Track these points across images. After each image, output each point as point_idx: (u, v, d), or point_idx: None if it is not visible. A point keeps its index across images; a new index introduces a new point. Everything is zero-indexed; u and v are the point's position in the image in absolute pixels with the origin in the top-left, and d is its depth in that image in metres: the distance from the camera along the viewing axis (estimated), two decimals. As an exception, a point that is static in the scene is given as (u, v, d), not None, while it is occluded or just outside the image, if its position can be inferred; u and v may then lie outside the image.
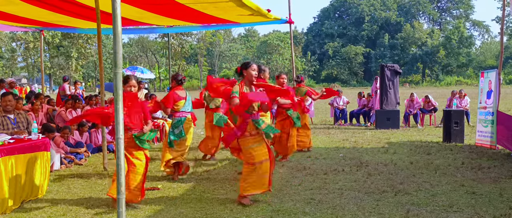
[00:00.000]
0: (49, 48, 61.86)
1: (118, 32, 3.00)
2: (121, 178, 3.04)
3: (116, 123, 2.99)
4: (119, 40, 3.00)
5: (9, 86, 12.07)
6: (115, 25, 3.02)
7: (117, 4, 2.99)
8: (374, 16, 73.86)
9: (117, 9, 3.00)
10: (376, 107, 13.92)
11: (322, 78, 71.77)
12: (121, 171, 3.06)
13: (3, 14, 8.47)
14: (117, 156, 3.09)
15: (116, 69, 2.98)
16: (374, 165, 7.57)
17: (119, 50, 2.99)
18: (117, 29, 3.01)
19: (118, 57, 3.00)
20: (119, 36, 3.00)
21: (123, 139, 3.06)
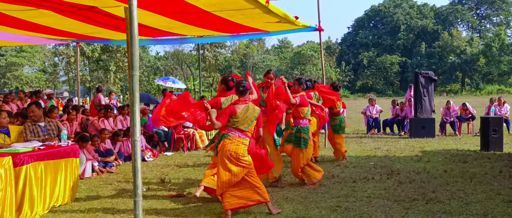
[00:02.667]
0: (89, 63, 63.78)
1: (135, 34, 3.03)
2: (137, 180, 3.05)
3: (132, 124, 3.00)
4: (135, 43, 3.02)
5: (47, 97, 12.46)
6: (132, 28, 3.05)
7: (133, 7, 3.02)
8: (410, 25, 72.43)
9: (134, 12, 3.03)
10: (410, 115, 13.56)
11: (357, 88, 70.79)
12: (138, 173, 3.07)
13: (39, 26, 8.79)
14: (133, 159, 3.10)
15: (133, 71, 3.00)
16: (406, 173, 7.34)
17: (136, 53, 3.02)
18: (134, 32, 3.03)
19: (135, 60, 3.03)
20: (135, 38, 3.02)
21: (140, 140, 3.08)
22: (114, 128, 9.88)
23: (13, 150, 4.95)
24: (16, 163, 4.82)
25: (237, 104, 5.15)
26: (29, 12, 7.66)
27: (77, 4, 7.01)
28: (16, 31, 9.37)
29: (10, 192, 4.70)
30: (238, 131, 5.08)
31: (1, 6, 7.03)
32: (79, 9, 7.43)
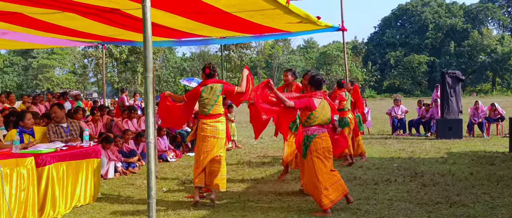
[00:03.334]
0: (117, 64, 65.01)
1: (148, 35, 3.04)
2: (151, 182, 3.06)
3: (147, 126, 3.02)
4: (149, 45, 3.04)
5: (74, 99, 12.71)
6: (145, 29, 3.06)
7: (147, 8, 3.04)
8: (438, 24, 71.03)
9: (147, 13, 3.05)
10: (437, 116, 13.28)
11: (384, 88, 69.84)
12: (152, 174, 3.08)
13: (64, 29, 8.96)
14: (148, 160, 3.12)
15: (147, 73, 3.02)
16: (430, 176, 7.18)
17: (149, 55, 3.03)
18: (147, 33, 3.05)
19: (149, 61, 3.04)
20: (149, 40, 3.04)
21: (154, 142, 3.09)
22: (138, 128, 10.00)
23: (36, 150, 5.06)
24: (39, 163, 4.92)
25: (314, 98, 5.33)
26: (54, 15, 7.81)
27: (100, 7, 7.13)
28: (42, 34, 9.57)
29: (33, 192, 4.81)
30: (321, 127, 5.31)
31: (27, 9, 7.22)
32: (101, 12, 7.55)
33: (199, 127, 5.72)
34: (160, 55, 66.91)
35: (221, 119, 5.76)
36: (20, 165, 4.67)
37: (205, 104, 5.70)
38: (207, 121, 5.69)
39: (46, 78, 70.21)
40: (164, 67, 71.52)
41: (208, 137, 5.66)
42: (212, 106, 5.68)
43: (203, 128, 5.69)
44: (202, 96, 5.72)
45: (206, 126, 5.68)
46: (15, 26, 8.55)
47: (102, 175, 7.52)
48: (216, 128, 5.68)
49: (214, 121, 5.70)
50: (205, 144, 5.67)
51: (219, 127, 5.71)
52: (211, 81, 5.81)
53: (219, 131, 5.70)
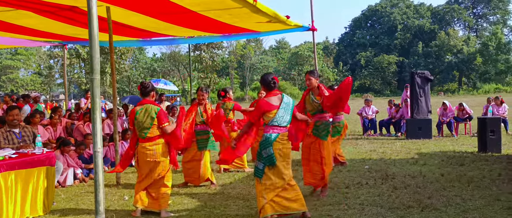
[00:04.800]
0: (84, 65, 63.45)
1: (95, 34, 2.74)
2: (99, 195, 2.74)
3: (94, 134, 2.71)
4: (96, 44, 2.73)
5: (34, 101, 12.14)
6: (91, 28, 2.75)
7: (92, 3, 2.73)
8: (407, 25, 72.24)
9: (93, 8, 2.74)
10: (407, 116, 13.29)
11: (354, 88, 70.52)
12: (100, 187, 2.77)
13: (21, 28, 8.48)
14: (95, 171, 2.81)
15: (93, 75, 2.71)
16: (401, 178, 7.05)
17: (96, 55, 2.73)
18: (94, 31, 2.74)
19: (95, 62, 2.74)
20: (95, 39, 2.73)
21: (102, 152, 2.78)
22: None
23: (-20, 159, 4.65)
24: (-17, 173, 4.52)
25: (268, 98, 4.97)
26: (7, 13, 7.37)
27: (57, 4, 6.72)
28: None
29: (-23, 204, 4.40)
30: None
31: (-22, 7, 6.76)
32: (59, 10, 7.14)
33: (139, 150, 5.34)
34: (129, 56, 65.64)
35: (160, 140, 5.30)
36: (-39, 176, 4.26)
37: (141, 129, 5.26)
38: (145, 145, 5.27)
39: (10, 79, 67.90)
40: (134, 68, 70.25)
41: (147, 161, 5.28)
42: (149, 130, 5.23)
43: (141, 152, 5.30)
44: (136, 119, 5.27)
45: (143, 149, 5.28)
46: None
47: (60, 182, 7.10)
48: (154, 151, 5.27)
49: (153, 144, 5.27)
50: (144, 167, 5.33)
51: (158, 150, 5.28)
52: (147, 102, 5.34)
53: (158, 154, 5.28)
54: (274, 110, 4.83)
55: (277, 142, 4.79)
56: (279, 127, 4.82)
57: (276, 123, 4.81)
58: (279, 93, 4.96)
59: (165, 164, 5.36)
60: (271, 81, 4.98)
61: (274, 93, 4.94)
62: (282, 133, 4.83)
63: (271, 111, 4.84)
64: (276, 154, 4.77)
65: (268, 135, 4.82)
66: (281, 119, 4.83)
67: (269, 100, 4.88)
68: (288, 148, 4.88)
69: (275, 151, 4.77)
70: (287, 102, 4.90)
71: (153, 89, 5.50)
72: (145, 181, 5.35)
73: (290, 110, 4.92)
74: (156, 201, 5.37)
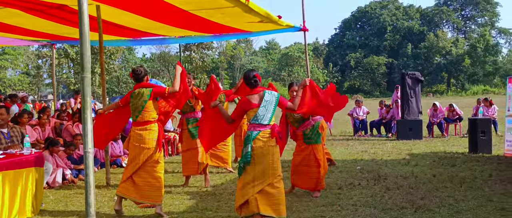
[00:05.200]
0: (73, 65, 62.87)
1: (85, 31, 2.66)
2: (90, 197, 2.67)
3: (84, 134, 2.63)
4: (86, 42, 2.65)
5: (21, 101, 11.96)
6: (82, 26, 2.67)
7: (83, 1, 2.65)
8: (396, 26, 72.69)
9: (84, 5, 2.66)
10: (397, 117, 13.32)
11: (344, 89, 70.80)
12: (90, 188, 2.69)
13: (8, 26, 8.34)
14: (86, 172, 2.73)
15: (84, 73, 2.63)
16: (393, 178, 7.04)
17: (87, 52, 2.65)
18: (84, 29, 2.66)
19: (86, 61, 2.66)
20: (86, 37, 2.66)
21: (92, 152, 2.70)
22: (90, 132, 9.44)
23: (-34, 160, 4.54)
24: (-31, 174, 4.40)
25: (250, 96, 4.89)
26: (-5, 11, 7.24)
27: (46, 3, 6.61)
28: (-16, 32, 8.90)
29: (-38, 206, 4.28)
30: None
31: (-36, 4, 6.62)
32: (48, 8, 7.03)
33: (130, 134, 5.39)
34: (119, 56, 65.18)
35: (150, 126, 5.31)
36: None
37: (133, 111, 5.35)
38: (134, 128, 5.33)
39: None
40: (123, 68, 69.77)
41: (134, 145, 5.29)
42: (140, 113, 5.28)
43: (131, 135, 5.36)
44: (131, 102, 5.37)
45: (133, 133, 5.34)
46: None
47: (49, 183, 6.98)
48: (141, 136, 5.27)
49: (141, 128, 5.29)
50: (131, 152, 5.34)
51: (146, 136, 5.27)
52: (141, 86, 5.40)
53: (145, 139, 5.26)
54: (254, 108, 4.76)
55: (258, 140, 4.70)
56: (260, 125, 4.73)
57: (257, 121, 4.74)
58: (261, 90, 4.86)
59: (152, 150, 5.28)
60: (252, 79, 4.90)
61: (256, 91, 4.86)
62: (263, 130, 4.73)
63: (251, 109, 4.78)
64: (258, 151, 4.69)
65: (248, 132, 4.79)
66: (262, 117, 4.73)
67: (249, 98, 4.83)
68: (271, 146, 4.74)
69: (257, 148, 4.69)
70: (268, 100, 4.77)
71: (146, 73, 5.54)
72: (131, 166, 5.30)
73: (273, 107, 4.79)
74: (140, 191, 5.26)
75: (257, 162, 4.69)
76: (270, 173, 4.70)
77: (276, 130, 4.75)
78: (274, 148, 4.76)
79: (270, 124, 4.77)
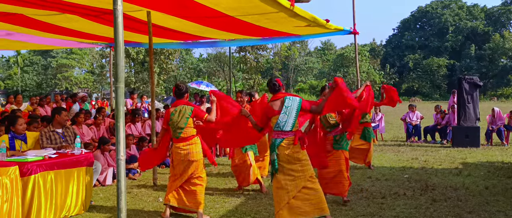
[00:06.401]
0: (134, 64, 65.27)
1: (120, 42, 2.77)
2: (121, 203, 2.78)
3: (117, 142, 2.75)
4: (121, 51, 2.76)
5: (81, 100, 12.58)
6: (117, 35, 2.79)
7: (118, 12, 2.77)
8: (459, 26, 69.69)
9: (119, 17, 2.78)
10: (453, 123, 12.79)
11: (402, 91, 68.78)
12: (122, 195, 2.80)
13: (68, 30, 8.81)
14: (117, 179, 2.84)
15: (117, 83, 2.75)
16: (442, 189, 6.77)
17: (121, 63, 2.76)
18: (119, 39, 2.78)
19: (120, 70, 2.77)
20: (121, 46, 2.77)
21: (124, 159, 2.82)
22: (142, 133, 9.79)
23: (21, 158, 4.85)
24: (24, 172, 4.71)
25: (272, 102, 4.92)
26: (55, 17, 7.67)
27: (100, 9, 6.93)
28: (46, 35, 9.45)
29: (17, 202, 4.59)
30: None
31: (27, 11, 7.07)
32: (102, 14, 7.36)
33: (173, 150, 5.50)
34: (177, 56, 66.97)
35: (195, 140, 5.46)
36: (3, 174, 4.46)
37: (175, 129, 5.43)
38: (179, 145, 5.41)
39: (65, 77, 70.93)
40: (180, 68, 71.60)
41: (181, 161, 5.41)
42: (183, 129, 5.38)
43: (175, 152, 5.46)
44: (171, 119, 5.44)
45: (177, 150, 5.42)
46: (18, 27, 8.44)
47: (100, 181, 7.31)
48: (189, 150, 5.39)
49: (186, 144, 5.41)
50: (178, 167, 5.46)
51: (193, 149, 5.41)
52: (182, 103, 5.49)
53: (193, 153, 5.40)
54: (276, 115, 4.77)
55: (282, 147, 4.70)
56: (282, 132, 4.72)
57: (279, 128, 4.73)
58: (282, 96, 4.84)
59: (199, 163, 5.42)
60: (272, 84, 4.95)
61: (278, 97, 4.87)
62: (286, 137, 4.71)
63: (274, 116, 4.79)
64: (284, 159, 4.69)
65: (272, 140, 4.80)
66: (284, 124, 4.72)
67: (272, 104, 4.85)
68: (296, 152, 4.71)
69: (282, 156, 4.69)
70: (289, 105, 4.75)
71: (187, 91, 5.64)
72: (178, 181, 5.45)
73: (295, 112, 4.75)
74: (189, 199, 5.43)
75: (285, 168, 4.70)
76: (300, 177, 4.69)
77: (299, 136, 4.72)
78: (299, 153, 4.73)
79: (292, 130, 4.74)
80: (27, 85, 71.87)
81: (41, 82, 73.65)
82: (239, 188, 7.02)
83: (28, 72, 73.37)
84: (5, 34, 9.37)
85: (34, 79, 73.54)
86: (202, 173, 5.50)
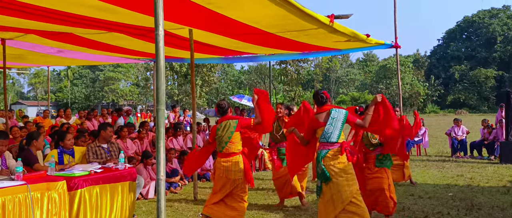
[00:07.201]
0: (177, 77, 66.72)
1: (161, 66, 2.88)
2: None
3: (157, 162, 2.84)
4: (162, 75, 2.87)
5: (126, 114, 12.97)
6: (158, 60, 2.90)
7: (159, 37, 2.89)
8: (507, 36, 67.13)
9: (160, 42, 2.89)
10: (501, 138, 12.30)
11: (448, 103, 66.83)
12: (162, 214, 2.88)
13: (115, 47, 9.18)
14: (157, 198, 2.93)
15: (159, 105, 2.85)
16: (488, 209, 6.53)
17: (162, 87, 2.87)
18: (160, 63, 2.89)
19: (161, 94, 2.87)
20: (162, 70, 2.88)
21: (164, 179, 2.91)
22: (183, 146, 9.98)
23: (68, 173, 5.06)
24: (71, 186, 4.91)
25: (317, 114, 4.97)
26: (103, 35, 8.02)
27: (144, 27, 7.19)
28: (94, 52, 9.88)
29: (64, 216, 4.79)
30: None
31: (79, 30, 7.44)
32: (147, 32, 7.63)
33: (216, 165, 5.66)
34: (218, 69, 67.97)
35: (236, 158, 5.50)
36: (52, 189, 4.67)
37: (219, 143, 5.57)
38: (220, 160, 5.55)
39: (112, 90, 73.39)
40: (222, 80, 72.52)
41: (221, 177, 5.50)
42: (226, 144, 5.48)
43: (216, 167, 5.61)
44: (217, 134, 5.59)
45: (218, 165, 5.56)
46: (69, 44, 8.86)
47: (143, 194, 7.51)
48: (228, 168, 5.46)
49: (226, 160, 5.49)
50: (218, 182, 5.58)
51: (232, 168, 5.47)
52: (227, 118, 5.62)
53: (232, 172, 5.46)
54: (321, 126, 4.79)
55: (327, 158, 4.71)
56: (328, 143, 4.74)
57: (324, 139, 4.75)
58: (329, 108, 4.87)
59: (238, 183, 5.48)
60: (320, 97, 4.97)
61: (324, 109, 4.90)
62: (332, 149, 4.72)
63: (319, 127, 4.81)
64: (329, 170, 4.69)
65: (318, 151, 4.82)
66: (330, 135, 4.73)
67: (317, 117, 4.88)
68: (342, 162, 4.70)
69: (327, 167, 4.69)
70: (335, 117, 4.78)
71: (229, 106, 5.77)
72: (218, 195, 5.54)
73: (341, 123, 4.77)
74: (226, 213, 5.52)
75: (331, 182, 4.68)
76: (346, 192, 4.66)
77: (345, 146, 4.71)
78: (345, 165, 4.72)
79: (338, 142, 4.75)
80: (76, 98, 74.80)
81: (89, 94, 76.48)
82: (280, 203, 7.02)
83: (77, 85, 76.41)
84: (57, 51, 9.87)
85: (83, 92, 76.46)
86: (244, 194, 5.55)
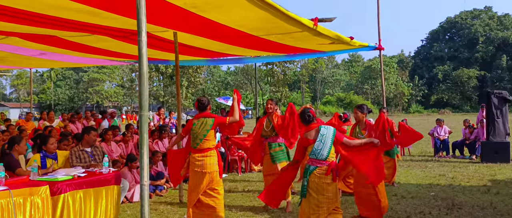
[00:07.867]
0: (163, 78, 66.41)
1: (144, 72, 2.90)
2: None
3: (141, 168, 2.86)
4: (145, 81, 2.90)
5: (111, 117, 12.90)
6: (141, 66, 2.92)
7: (142, 44, 2.91)
8: (489, 37, 68.27)
9: (143, 48, 2.91)
10: (482, 138, 12.53)
11: (431, 103, 67.67)
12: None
13: (98, 49, 9.13)
14: (141, 204, 2.95)
15: (142, 111, 2.87)
16: (468, 209, 6.66)
17: (145, 92, 2.89)
18: (143, 69, 2.91)
19: (144, 100, 2.90)
20: (145, 76, 2.90)
21: (148, 184, 2.93)
22: (169, 149, 9.95)
23: (51, 178, 5.04)
24: (54, 191, 4.88)
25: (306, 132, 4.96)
26: (86, 38, 7.98)
27: (127, 30, 7.17)
28: (78, 54, 9.82)
29: (47, 221, 4.76)
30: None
31: (62, 33, 7.40)
32: (130, 34, 7.62)
33: (190, 161, 5.75)
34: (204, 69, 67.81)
35: (211, 152, 5.69)
36: (34, 194, 4.65)
37: (194, 139, 5.71)
38: (195, 155, 5.67)
39: (96, 91, 72.73)
40: (208, 81, 72.35)
41: (196, 171, 5.64)
42: (201, 141, 5.62)
43: (191, 162, 5.71)
44: (193, 129, 5.73)
45: (193, 159, 5.68)
46: (51, 47, 8.80)
47: (128, 198, 7.49)
48: (203, 162, 5.61)
49: (202, 155, 5.64)
50: (193, 178, 5.69)
51: (207, 161, 5.63)
52: (204, 115, 5.78)
53: (207, 165, 5.62)
54: (311, 144, 4.81)
55: (314, 175, 4.74)
56: (317, 160, 4.75)
57: (314, 155, 4.77)
58: (317, 125, 4.88)
59: (213, 176, 5.64)
60: (307, 116, 4.97)
61: (311, 127, 4.91)
62: (320, 166, 4.74)
63: (309, 145, 4.85)
64: (313, 186, 4.74)
65: (307, 166, 4.85)
66: (319, 152, 4.73)
67: (306, 135, 4.90)
68: (326, 182, 4.72)
69: (311, 183, 4.74)
70: (324, 134, 4.77)
71: (209, 103, 5.95)
72: (195, 193, 5.65)
73: (330, 141, 4.76)
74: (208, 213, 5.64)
75: (311, 196, 4.75)
76: (323, 208, 4.73)
77: (332, 167, 4.74)
78: (329, 185, 4.74)
79: (327, 160, 4.75)
80: (60, 99, 73.97)
81: (73, 96, 75.67)
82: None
83: (61, 86, 75.55)
84: (39, 54, 9.78)
85: (67, 93, 75.62)
86: (218, 186, 5.69)
